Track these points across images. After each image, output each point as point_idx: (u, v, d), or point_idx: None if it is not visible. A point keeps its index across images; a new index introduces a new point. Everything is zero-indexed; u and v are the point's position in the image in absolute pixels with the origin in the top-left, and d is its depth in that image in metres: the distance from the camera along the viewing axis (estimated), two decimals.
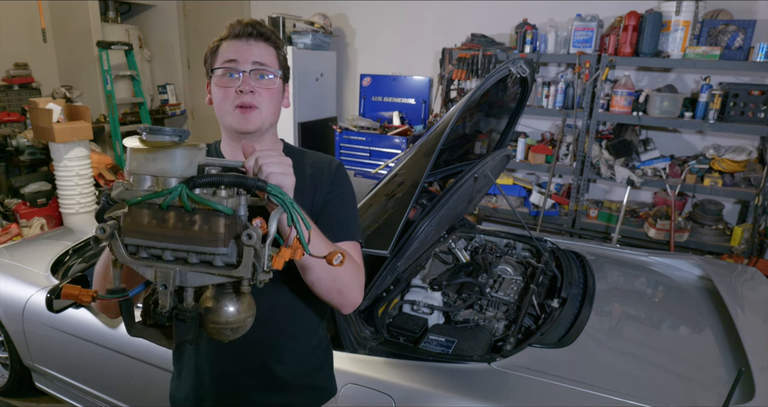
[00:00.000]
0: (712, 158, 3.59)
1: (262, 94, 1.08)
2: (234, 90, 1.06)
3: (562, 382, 1.45)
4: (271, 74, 1.09)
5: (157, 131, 0.72)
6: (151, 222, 0.73)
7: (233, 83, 1.06)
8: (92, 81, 5.26)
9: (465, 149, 2.45)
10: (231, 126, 1.09)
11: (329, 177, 1.16)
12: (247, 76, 1.06)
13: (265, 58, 1.09)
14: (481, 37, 4.19)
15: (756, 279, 2.27)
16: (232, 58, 1.07)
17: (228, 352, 1.12)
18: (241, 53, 1.07)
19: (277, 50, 1.13)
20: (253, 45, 1.09)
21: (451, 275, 2.06)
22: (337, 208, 1.15)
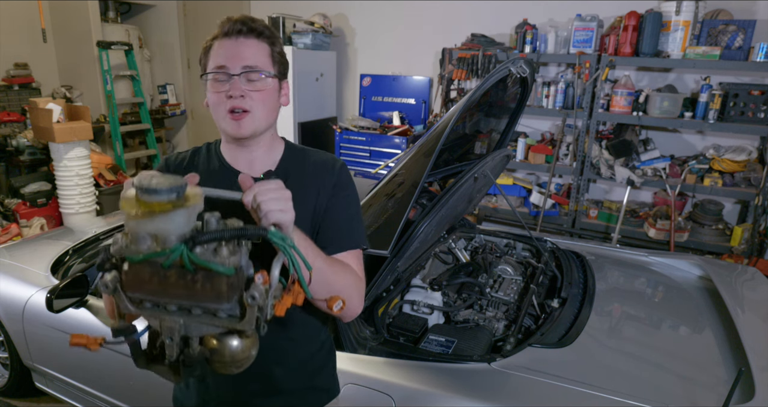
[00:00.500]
0: (712, 158, 3.59)
1: (254, 98, 1.04)
2: (224, 94, 1.04)
3: (562, 382, 1.45)
4: (263, 74, 1.05)
5: (154, 191, 0.69)
6: (152, 279, 0.72)
7: (224, 87, 1.04)
8: (92, 81, 5.27)
9: (465, 149, 2.45)
10: (225, 131, 1.07)
11: (332, 178, 1.13)
12: (237, 80, 1.03)
13: (256, 58, 1.05)
14: (481, 37, 4.19)
15: (756, 279, 2.27)
16: (221, 63, 1.04)
17: None
18: (231, 57, 1.03)
19: (272, 46, 1.08)
20: (243, 43, 1.04)
21: (451, 275, 2.05)
22: (341, 213, 1.13)
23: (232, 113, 1.04)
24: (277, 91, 1.10)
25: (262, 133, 1.09)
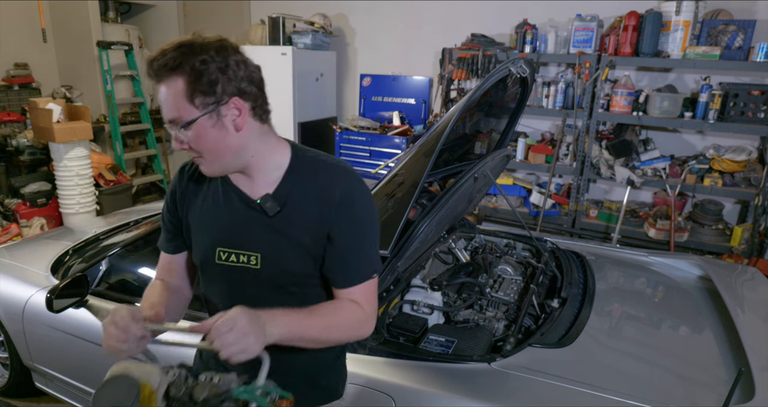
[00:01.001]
0: (712, 158, 3.59)
1: (196, 144, 0.97)
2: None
3: (562, 382, 1.45)
4: (183, 124, 0.95)
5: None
6: None
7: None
8: (92, 81, 5.27)
9: (465, 149, 2.45)
10: None
11: (338, 196, 1.03)
12: (175, 134, 0.98)
13: (174, 107, 0.94)
14: (481, 37, 4.19)
15: (756, 279, 2.27)
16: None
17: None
18: (163, 106, 0.96)
19: (187, 77, 0.91)
20: (162, 92, 0.94)
21: (451, 275, 2.05)
22: (346, 240, 1.05)
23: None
24: (214, 125, 0.95)
25: (233, 168, 1.04)
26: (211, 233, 1.11)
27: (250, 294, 1.09)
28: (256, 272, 1.08)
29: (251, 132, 1.01)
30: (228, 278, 1.11)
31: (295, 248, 1.07)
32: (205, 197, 1.13)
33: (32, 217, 4.22)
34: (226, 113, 0.96)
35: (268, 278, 1.09)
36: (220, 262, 1.10)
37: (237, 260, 1.08)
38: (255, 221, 1.07)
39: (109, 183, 4.63)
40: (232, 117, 0.97)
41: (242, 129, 0.98)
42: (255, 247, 1.07)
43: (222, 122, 0.96)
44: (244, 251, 1.08)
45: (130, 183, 4.88)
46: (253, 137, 1.01)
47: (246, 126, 0.99)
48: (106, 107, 5.20)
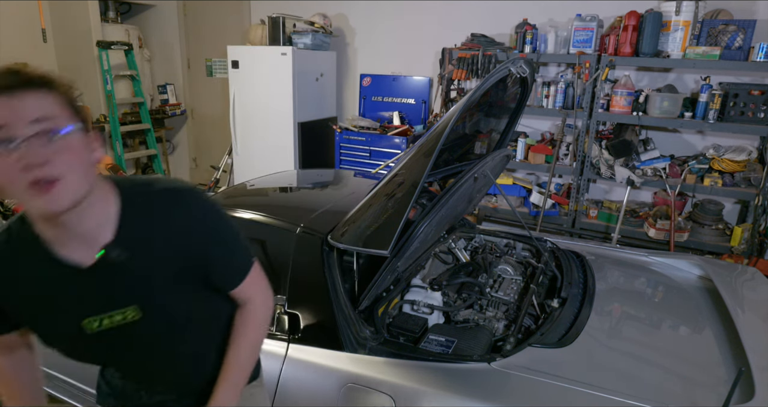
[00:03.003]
0: (712, 158, 3.59)
1: (62, 160, 0.80)
2: (17, 169, 0.77)
3: (562, 382, 1.45)
4: (65, 129, 0.80)
5: None
6: None
7: (11, 158, 0.76)
8: (92, 81, 5.26)
9: (465, 149, 2.45)
10: (33, 212, 0.86)
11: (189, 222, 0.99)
12: (30, 143, 0.77)
13: (45, 109, 0.79)
14: (481, 37, 4.19)
15: (756, 279, 2.27)
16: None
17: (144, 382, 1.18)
18: (9, 114, 0.76)
19: (58, 92, 0.82)
20: (20, 99, 0.77)
21: (451, 275, 2.05)
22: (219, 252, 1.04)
23: (33, 186, 0.78)
24: (87, 147, 0.85)
25: (85, 200, 0.86)
26: (64, 312, 0.97)
27: (144, 348, 1.07)
28: (139, 323, 0.99)
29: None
30: (112, 341, 1.01)
31: (167, 283, 1.00)
32: (30, 285, 0.95)
33: None
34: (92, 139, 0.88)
35: (156, 323, 1.02)
36: (93, 332, 0.98)
37: (111, 321, 0.98)
38: (109, 276, 0.94)
39: None
40: (95, 145, 0.89)
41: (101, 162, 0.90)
42: (125, 301, 0.97)
43: (89, 144, 0.87)
44: (115, 310, 0.97)
45: None
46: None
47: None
48: (106, 106, 5.20)
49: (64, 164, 0.80)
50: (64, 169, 0.80)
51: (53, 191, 0.80)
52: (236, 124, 4.75)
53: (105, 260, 0.93)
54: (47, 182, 0.79)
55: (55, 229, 0.90)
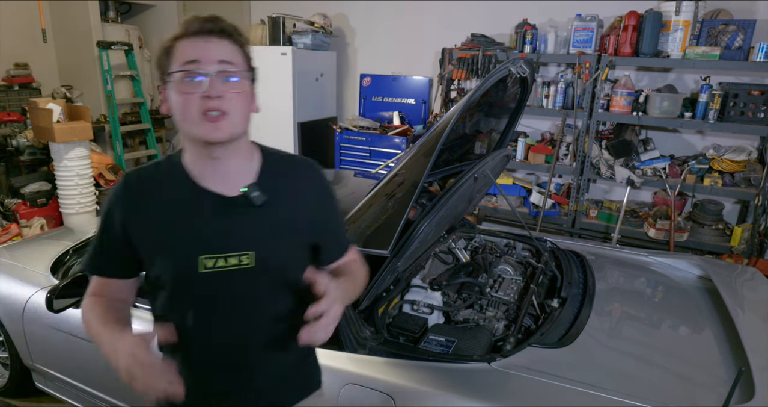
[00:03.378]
0: (712, 158, 3.59)
1: (231, 99, 0.95)
2: (198, 96, 0.92)
3: (562, 382, 1.45)
4: (240, 75, 0.96)
5: None
6: None
7: (196, 88, 0.92)
8: (92, 81, 5.27)
9: (465, 149, 2.45)
10: (198, 137, 0.96)
11: (318, 185, 1.13)
12: (213, 78, 0.93)
13: (230, 56, 0.96)
14: (481, 37, 4.19)
15: (756, 279, 2.27)
16: (192, 58, 0.93)
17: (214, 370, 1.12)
18: (203, 52, 0.93)
19: (242, 48, 0.99)
20: (215, 43, 0.95)
21: (451, 275, 2.05)
22: (334, 221, 1.17)
23: (206, 114, 0.93)
24: (251, 95, 1.01)
25: (237, 139, 1.00)
26: (187, 242, 1.01)
27: (246, 297, 1.06)
28: (250, 271, 1.03)
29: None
30: (217, 287, 1.03)
31: (287, 237, 1.07)
32: (167, 206, 1.02)
33: (32, 217, 4.22)
34: (254, 90, 1.03)
35: (264, 276, 1.05)
36: (205, 271, 1.01)
37: (226, 263, 1.01)
38: (240, 217, 1.02)
39: (109, 183, 4.62)
40: (255, 98, 1.03)
41: (256, 112, 1.03)
42: (245, 245, 1.02)
43: (252, 96, 1.02)
44: (233, 252, 1.01)
45: None
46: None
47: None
48: (106, 106, 5.20)
49: (232, 103, 0.95)
50: (231, 106, 0.95)
51: (219, 122, 0.94)
52: None
53: (245, 196, 1.01)
54: (217, 114, 0.93)
55: (204, 162, 1.01)
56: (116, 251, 1.06)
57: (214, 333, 1.09)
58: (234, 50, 0.97)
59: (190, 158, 1.03)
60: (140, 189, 1.04)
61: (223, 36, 0.96)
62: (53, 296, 1.81)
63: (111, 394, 2.07)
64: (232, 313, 1.07)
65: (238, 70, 0.96)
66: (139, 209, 1.03)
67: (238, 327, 1.08)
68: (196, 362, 1.10)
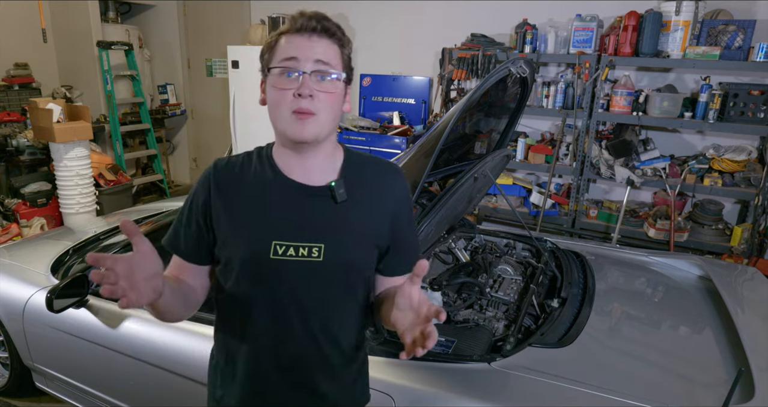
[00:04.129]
0: (712, 158, 3.59)
1: (322, 100, 0.97)
2: (292, 93, 0.96)
3: (562, 382, 1.45)
4: (335, 75, 0.98)
5: None
6: None
7: (291, 84, 0.96)
8: (92, 81, 5.27)
9: (465, 149, 2.45)
10: (285, 133, 0.99)
11: (399, 191, 1.12)
12: (308, 77, 0.95)
13: (329, 56, 0.98)
14: (481, 37, 4.19)
15: (756, 279, 2.27)
16: (291, 55, 0.96)
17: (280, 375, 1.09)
18: (303, 50, 0.96)
19: (342, 48, 1.01)
20: (316, 42, 0.97)
21: (451, 275, 2.05)
22: (409, 231, 1.15)
23: (296, 113, 0.96)
24: (343, 96, 1.03)
25: (323, 139, 1.02)
26: (263, 226, 1.02)
27: (309, 291, 1.04)
28: (317, 265, 1.02)
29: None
30: (283, 275, 1.02)
31: (359, 237, 1.06)
32: (249, 190, 1.05)
33: (32, 217, 4.22)
34: (347, 92, 1.05)
35: (329, 271, 1.04)
36: (275, 257, 1.01)
37: (296, 253, 1.01)
38: (317, 210, 1.03)
39: (109, 183, 4.63)
40: (348, 98, 1.06)
41: (347, 112, 1.07)
42: (317, 237, 1.02)
43: (344, 97, 1.04)
44: (305, 242, 1.01)
45: (130, 183, 4.88)
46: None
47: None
48: (106, 106, 5.20)
49: (323, 103, 0.97)
50: (321, 107, 0.97)
51: (307, 121, 0.96)
52: (236, 124, 4.75)
53: (329, 189, 1.03)
54: (306, 113, 0.95)
55: (289, 157, 1.04)
56: (193, 233, 1.07)
57: (274, 328, 1.06)
58: (333, 50, 0.99)
59: (278, 149, 1.07)
60: (226, 173, 1.07)
61: (325, 35, 0.98)
62: (53, 296, 1.81)
63: (111, 394, 2.07)
64: (294, 306, 1.05)
65: (333, 71, 0.98)
66: (222, 191, 1.05)
67: (299, 323, 1.06)
68: (253, 359, 1.09)
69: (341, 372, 1.13)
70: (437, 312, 0.84)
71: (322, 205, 1.04)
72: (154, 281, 0.86)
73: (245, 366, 1.10)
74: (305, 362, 1.09)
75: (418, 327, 0.87)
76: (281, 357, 1.08)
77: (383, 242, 1.10)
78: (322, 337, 1.07)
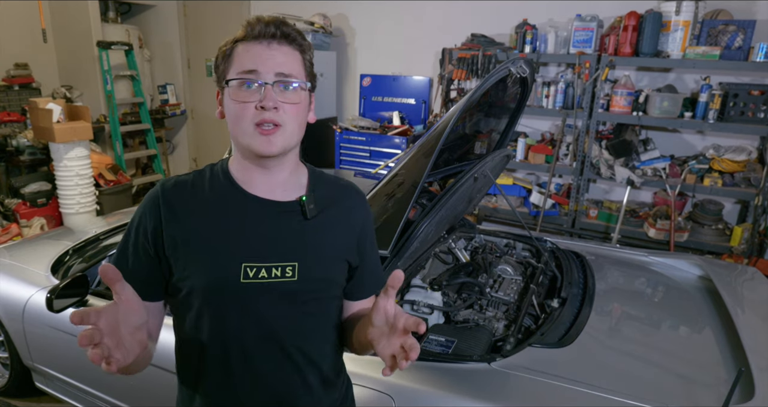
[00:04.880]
0: (712, 158, 3.59)
1: (287, 111, 0.91)
2: (253, 105, 0.89)
3: (562, 382, 1.45)
4: (298, 85, 0.92)
5: None
6: None
7: (252, 97, 0.89)
8: (92, 81, 5.27)
9: (465, 149, 2.45)
10: (249, 147, 0.91)
11: (363, 214, 1.08)
12: (270, 88, 0.89)
13: (290, 66, 0.92)
14: (481, 37, 4.19)
15: (756, 279, 2.27)
16: (251, 68, 0.89)
17: (249, 393, 1.01)
18: (262, 61, 0.90)
19: (303, 55, 0.95)
20: (275, 49, 0.91)
21: (451, 275, 2.05)
22: (373, 256, 1.12)
23: (260, 126, 0.89)
24: (308, 106, 0.98)
25: (289, 152, 0.97)
26: (227, 248, 0.94)
27: (284, 316, 0.97)
28: (291, 285, 0.95)
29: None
30: (254, 300, 0.94)
31: (332, 252, 1.01)
32: (208, 210, 0.96)
33: (32, 217, 4.22)
34: (311, 101, 1.00)
35: (304, 292, 0.97)
36: (246, 281, 0.93)
37: (269, 275, 0.94)
38: (288, 227, 0.97)
39: (109, 183, 4.63)
40: (312, 107, 1.01)
41: (312, 123, 1.01)
42: (291, 256, 0.95)
43: (308, 107, 0.98)
44: (278, 262, 0.94)
45: (130, 183, 4.88)
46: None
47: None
48: (106, 106, 5.20)
49: (288, 115, 0.91)
50: (286, 118, 0.91)
51: (273, 134, 0.90)
52: None
53: (299, 204, 0.98)
54: (270, 127, 0.90)
55: (252, 172, 0.97)
56: (143, 267, 0.96)
57: (246, 363, 0.98)
58: (295, 58, 0.93)
59: (238, 166, 0.99)
60: (178, 194, 0.97)
61: (284, 41, 0.92)
62: (53, 296, 1.81)
63: (111, 394, 2.07)
64: (268, 334, 0.97)
65: (296, 80, 0.92)
66: (175, 215, 0.95)
67: (274, 349, 0.98)
68: (227, 389, 1.00)
69: (324, 398, 1.07)
70: (416, 323, 0.78)
71: (293, 221, 0.97)
72: (140, 334, 0.77)
73: (217, 399, 1.01)
74: (287, 393, 1.02)
75: (398, 340, 0.82)
76: (261, 391, 1.00)
77: (353, 258, 1.05)
78: (303, 363, 1.01)
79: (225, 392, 1.00)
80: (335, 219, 1.02)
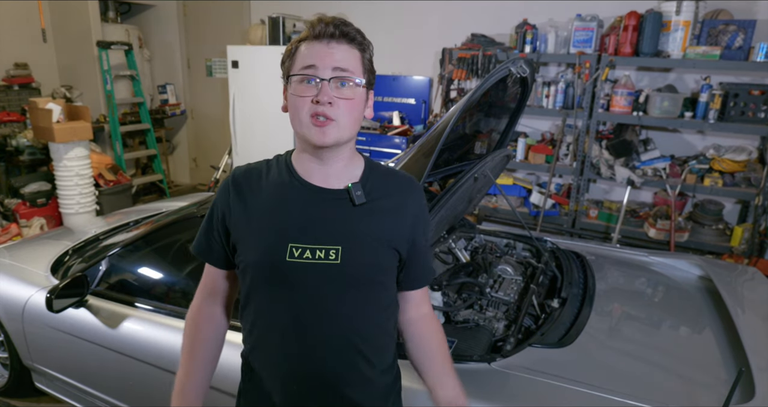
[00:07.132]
0: (712, 158, 3.59)
1: (341, 106, 0.97)
2: (310, 99, 0.97)
3: (562, 382, 1.45)
4: (354, 81, 0.99)
5: None
6: None
7: (310, 91, 0.97)
8: (92, 81, 5.27)
9: (465, 149, 2.45)
10: (306, 138, 1.00)
11: (417, 204, 1.12)
12: (326, 84, 0.96)
13: (348, 62, 0.98)
14: (481, 37, 4.19)
15: (756, 279, 2.27)
16: (310, 63, 0.97)
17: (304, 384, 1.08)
18: (321, 58, 0.97)
19: (362, 53, 1.02)
20: (335, 48, 0.98)
21: (451, 275, 2.05)
22: (425, 245, 1.15)
23: (314, 118, 0.97)
24: (364, 101, 1.04)
25: (343, 144, 1.03)
26: (278, 229, 1.03)
27: (327, 294, 1.03)
28: (334, 268, 1.01)
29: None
30: (299, 279, 1.02)
31: (377, 240, 1.05)
32: (267, 195, 1.06)
33: (32, 217, 4.22)
34: (369, 98, 1.06)
35: (348, 274, 1.03)
36: (291, 260, 1.01)
37: (313, 256, 1.01)
38: (335, 212, 1.03)
39: (109, 183, 4.63)
40: (370, 103, 1.07)
41: (369, 118, 1.09)
42: (334, 240, 1.02)
43: (365, 102, 1.05)
44: (321, 245, 1.01)
45: (130, 183, 4.88)
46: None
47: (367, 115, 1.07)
48: (106, 107, 5.20)
49: (342, 109, 0.98)
50: (340, 113, 0.97)
51: (326, 127, 0.97)
52: (236, 124, 4.75)
53: (347, 192, 1.04)
54: (325, 119, 0.97)
55: (309, 162, 1.05)
56: (215, 240, 1.11)
57: (293, 334, 1.05)
58: (353, 56, 1.00)
59: (297, 156, 1.08)
60: (245, 180, 1.09)
61: (344, 40, 0.99)
62: (53, 296, 1.81)
63: (111, 394, 2.07)
64: (314, 313, 1.04)
65: (352, 77, 0.98)
66: (240, 198, 1.07)
67: (320, 328, 1.05)
68: (273, 364, 1.10)
69: (369, 382, 1.10)
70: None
71: (340, 208, 1.04)
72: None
73: (269, 370, 1.10)
74: (330, 367, 1.07)
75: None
76: (305, 362, 1.07)
77: (402, 248, 1.09)
78: (349, 345, 1.06)
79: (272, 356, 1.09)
80: (387, 209, 1.07)
